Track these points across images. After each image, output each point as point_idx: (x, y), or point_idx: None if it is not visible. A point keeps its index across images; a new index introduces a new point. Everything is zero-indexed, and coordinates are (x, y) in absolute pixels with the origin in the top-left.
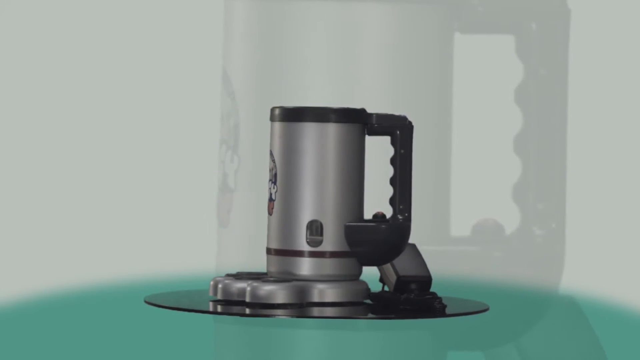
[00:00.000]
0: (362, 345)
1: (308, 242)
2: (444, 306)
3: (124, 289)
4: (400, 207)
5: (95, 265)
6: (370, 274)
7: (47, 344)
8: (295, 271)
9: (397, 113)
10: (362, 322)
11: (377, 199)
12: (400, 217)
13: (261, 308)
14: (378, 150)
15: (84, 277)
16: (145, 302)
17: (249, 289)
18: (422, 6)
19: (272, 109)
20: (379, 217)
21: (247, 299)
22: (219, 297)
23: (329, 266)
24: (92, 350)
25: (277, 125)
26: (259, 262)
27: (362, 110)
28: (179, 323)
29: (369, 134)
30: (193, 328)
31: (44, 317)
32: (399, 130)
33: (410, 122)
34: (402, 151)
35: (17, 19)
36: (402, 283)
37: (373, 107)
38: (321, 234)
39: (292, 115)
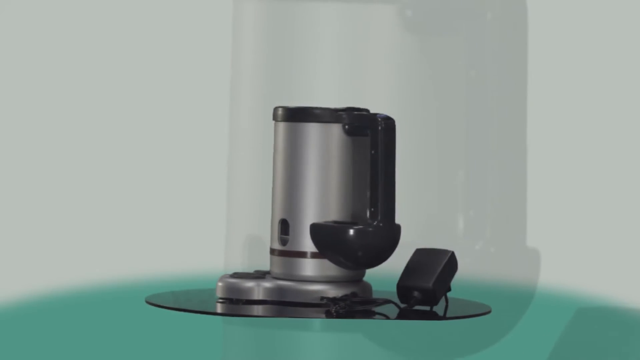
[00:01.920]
0: (370, 347)
1: (279, 241)
2: (335, 313)
3: (127, 289)
4: (372, 210)
5: (97, 265)
6: (371, 274)
7: (47, 344)
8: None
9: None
10: (372, 324)
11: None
12: (375, 221)
13: (233, 304)
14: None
15: (84, 277)
16: (146, 302)
17: (220, 284)
18: (428, 7)
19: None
20: None
21: (218, 295)
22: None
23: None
24: (93, 350)
25: (274, 125)
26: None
27: (335, 110)
28: (183, 323)
29: (348, 135)
30: (199, 328)
31: (44, 317)
32: (369, 130)
33: (385, 122)
34: (372, 152)
35: (18, 19)
36: (401, 289)
37: (379, 108)
38: (287, 233)
39: (280, 116)
